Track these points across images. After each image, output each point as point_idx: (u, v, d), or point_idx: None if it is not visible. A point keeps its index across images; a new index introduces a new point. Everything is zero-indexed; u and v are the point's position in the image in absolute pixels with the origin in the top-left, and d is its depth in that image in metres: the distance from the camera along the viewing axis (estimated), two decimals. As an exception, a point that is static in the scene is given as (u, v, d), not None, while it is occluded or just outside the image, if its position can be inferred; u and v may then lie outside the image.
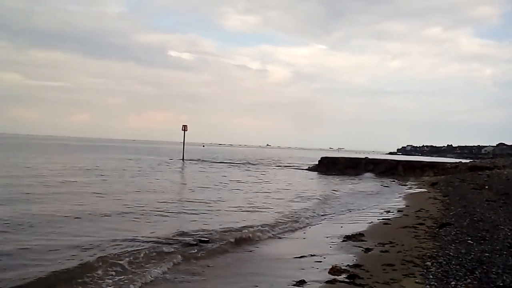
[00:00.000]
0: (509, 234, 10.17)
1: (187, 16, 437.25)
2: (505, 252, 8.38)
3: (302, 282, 7.31)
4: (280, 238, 12.04)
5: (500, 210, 14.20)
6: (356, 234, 11.54)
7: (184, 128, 56.26)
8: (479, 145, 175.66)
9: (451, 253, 8.70)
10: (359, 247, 10.06)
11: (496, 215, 13.25)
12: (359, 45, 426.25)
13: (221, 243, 10.41)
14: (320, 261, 8.85)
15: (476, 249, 8.84)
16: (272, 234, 12.15)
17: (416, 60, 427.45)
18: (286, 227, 13.29)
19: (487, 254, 8.32)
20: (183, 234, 11.12)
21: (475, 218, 12.79)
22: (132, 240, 10.29)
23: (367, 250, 9.72)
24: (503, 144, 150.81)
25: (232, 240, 10.73)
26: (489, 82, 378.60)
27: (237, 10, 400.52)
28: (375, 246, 10.08)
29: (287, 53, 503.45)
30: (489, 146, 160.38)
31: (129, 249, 9.42)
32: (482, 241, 9.60)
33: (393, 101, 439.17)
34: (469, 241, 9.74)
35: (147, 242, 10.17)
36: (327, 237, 11.68)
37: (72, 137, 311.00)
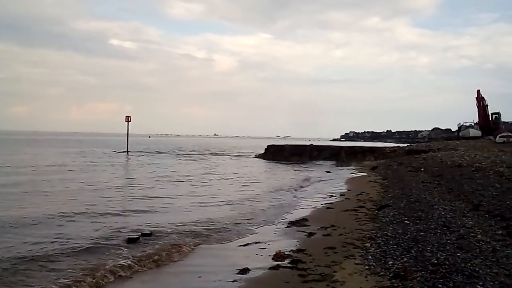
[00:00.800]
0: (442, 213, 10.70)
1: (129, 3, 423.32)
2: (439, 231, 8.79)
3: (246, 270, 7.27)
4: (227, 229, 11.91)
5: (435, 191, 14.96)
6: (300, 219, 11.69)
7: (128, 119, 54.51)
8: (416, 130, 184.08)
9: (389, 234, 9.01)
10: (303, 232, 10.20)
11: (431, 195, 13.94)
12: (304, 34, 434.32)
13: (165, 236, 10.13)
14: (264, 248, 8.87)
15: (412, 229, 9.21)
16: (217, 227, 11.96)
17: (358, 49, 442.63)
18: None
19: (422, 233, 8.68)
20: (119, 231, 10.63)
21: (411, 199, 13.38)
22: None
23: (310, 234, 9.86)
24: (438, 128, 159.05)
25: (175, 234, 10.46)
26: (425, 70, 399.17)
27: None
28: (318, 230, 10.25)
29: (233, 42, 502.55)
30: (425, 130, 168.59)
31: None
32: (418, 221, 10.03)
33: (337, 89, 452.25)
34: (405, 221, 10.14)
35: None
36: (273, 224, 11.75)
37: (10, 130, 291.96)
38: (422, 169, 23.82)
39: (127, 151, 55.03)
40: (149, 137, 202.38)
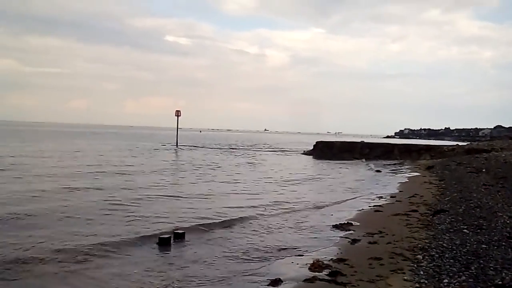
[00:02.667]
0: (507, 222, 9.44)
1: (184, 0, 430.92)
2: (503, 244, 7.66)
3: (278, 281, 6.57)
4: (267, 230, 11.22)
5: (498, 195, 13.48)
6: (345, 223, 10.82)
7: (178, 113, 55.07)
8: (476, 128, 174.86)
9: (444, 244, 7.98)
10: (346, 238, 9.34)
11: (494, 200, 12.54)
12: (358, 28, 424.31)
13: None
14: (302, 255, 8.12)
15: (472, 240, 8.11)
16: (259, 224, 11.33)
17: (415, 43, 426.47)
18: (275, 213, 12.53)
19: (484, 246, 7.59)
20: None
21: (471, 204, 12.07)
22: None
23: (354, 241, 8.99)
24: (501, 126, 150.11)
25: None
26: (487, 65, 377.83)
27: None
28: (363, 236, 9.36)
29: (285, 37, 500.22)
30: (487, 128, 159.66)
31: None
32: (478, 230, 8.88)
33: (392, 84, 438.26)
34: (464, 230, 9.01)
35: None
36: (314, 226, 10.95)
37: (69, 123, 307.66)
38: (484, 170, 21.91)
39: (177, 145, 55.74)
40: (200, 131, 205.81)
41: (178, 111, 54.96)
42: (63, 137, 72.24)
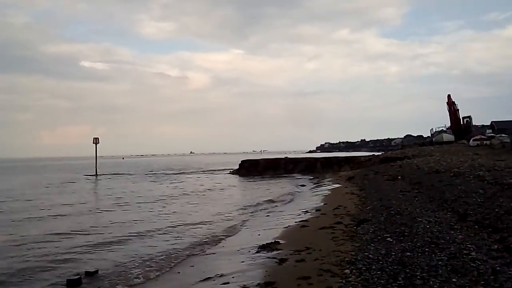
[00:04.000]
0: (427, 226, 9.62)
1: (100, 25, 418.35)
2: (427, 249, 7.68)
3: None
4: (192, 255, 10.50)
5: (415, 201, 13.96)
6: (271, 242, 10.42)
7: (96, 140, 52.68)
8: (389, 138, 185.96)
9: (370, 255, 7.84)
10: (273, 258, 8.91)
11: (412, 206, 12.91)
12: (276, 48, 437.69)
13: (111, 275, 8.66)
14: (228, 283, 7.54)
15: (396, 248, 8.07)
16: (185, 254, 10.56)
17: (329, 61, 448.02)
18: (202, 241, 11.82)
19: (408, 254, 7.55)
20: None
21: (392, 212, 12.31)
22: None
23: (282, 261, 8.59)
24: (410, 135, 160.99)
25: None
26: (395, 79, 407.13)
27: (152, 17, 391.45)
28: (291, 254, 8.99)
29: (205, 59, 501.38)
30: (398, 138, 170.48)
31: None
32: (401, 238, 8.92)
33: (311, 101, 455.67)
34: (388, 239, 9.01)
35: None
36: (241, 249, 10.43)
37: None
38: (400, 177, 22.96)
39: (96, 175, 52.72)
40: (123, 158, 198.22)
41: (96, 138, 52.82)
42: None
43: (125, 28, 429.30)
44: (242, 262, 9.04)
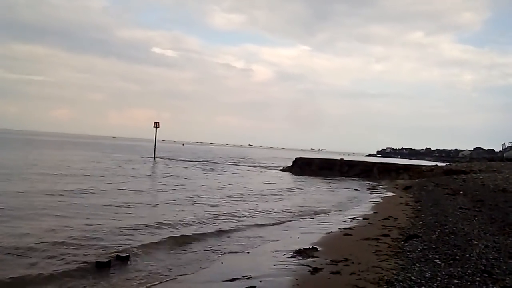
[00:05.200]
0: (483, 252, 8.64)
1: (171, 13, 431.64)
2: (477, 279, 6.83)
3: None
4: (226, 253, 10.21)
5: (475, 220, 12.77)
6: (309, 248, 9.90)
7: (156, 125, 54.04)
8: (456, 149, 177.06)
9: (413, 277, 7.12)
10: (307, 265, 8.40)
11: (470, 226, 11.80)
12: (343, 47, 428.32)
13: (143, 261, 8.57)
14: (254, 287, 7.15)
15: (443, 273, 7.27)
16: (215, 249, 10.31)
17: (398, 63, 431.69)
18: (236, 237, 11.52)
19: (456, 281, 6.75)
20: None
21: (446, 230, 11.30)
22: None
23: (316, 270, 8.06)
24: (480, 148, 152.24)
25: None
26: (468, 88, 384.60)
27: (223, 8, 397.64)
28: (327, 264, 8.44)
29: (272, 53, 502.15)
30: (466, 150, 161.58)
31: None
32: (451, 262, 8.06)
33: (375, 103, 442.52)
34: (436, 261, 8.19)
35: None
36: (275, 251, 10.00)
37: (53, 132, 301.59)
38: (461, 192, 21.37)
39: (154, 158, 54.42)
40: (183, 144, 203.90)
41: (156, 122, 54.03)
42: (41, 147, 70.22)
43: (195, 18, 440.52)
44: (274, 266, 8.59)
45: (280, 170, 49.22)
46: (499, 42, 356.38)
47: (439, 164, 60.00)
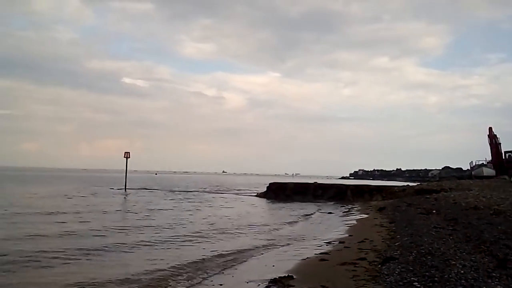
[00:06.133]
0: (461, 272, 8.44)
1: (142, 43, 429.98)
2: (459, 302, 6.58)
3: None
4: (196, 284, 9.68)
5: (450, 239, 12.66)
6: (284, 276, 9.47)
7: (127, 155, 53.11)
8: (426, 169, 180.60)
9: (393, 303, 6.82)
10: (283, 296, 7.99)
11: (446, 245, 11.66)
12: (312, 73, 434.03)
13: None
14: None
15: (423, 296, 7.01)
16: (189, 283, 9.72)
17: (366, 88, 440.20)
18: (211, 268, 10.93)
19: (437, 305, 6.47)
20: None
21: (422, 251, 11.10)
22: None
23: (292, 301, 7.66)
24: (448, 167, 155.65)
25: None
26: (434, 109, 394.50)
27: (193, 38, 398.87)
28: (303, 294, 8.05)
29: (243, 81, 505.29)
30: (436, 169, 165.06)
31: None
32: (430, 283, 7.81)
33: (346, 127, 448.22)
34: (415, 283, 7.93)
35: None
36: (249, 281, 9.52)
37: (21, 167, 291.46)
38: (434, 211, 21.44)
39: (125, 189, 53.10)
40: (156, 174, 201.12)
41: (127, 152, 53.20)
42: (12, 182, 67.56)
43: (166, 47, 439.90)
44: (248, 298, 8.16)
45: (255, 196, 48.79)
46: (461, 65, 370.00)
47: (410, 184, 60.85)
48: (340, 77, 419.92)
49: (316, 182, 49.73)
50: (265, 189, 49.36)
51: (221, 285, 9.38)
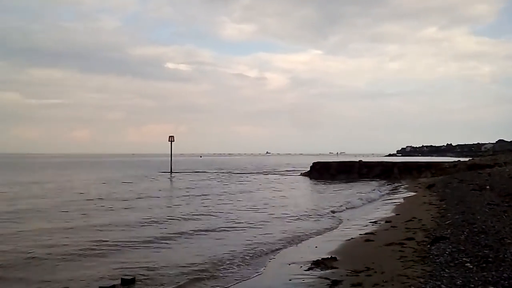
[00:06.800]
0: (518, 251, 7.88)
1: (183, 27, 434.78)
2: (516, 284, 6.10)
3: None
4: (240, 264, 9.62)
5: (505, 217, 11.92)
6: (328, 258, 9.24)
7: (171, 139, 54.30)
8: (478, 143, 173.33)
9: (443, 286, 6.44)
10: (326, 278, 7.77)
11: (500, 223, 10.97)
12: (356, 48, 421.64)
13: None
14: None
15: (476, 278, 6.57)
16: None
17: (414, 61, 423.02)
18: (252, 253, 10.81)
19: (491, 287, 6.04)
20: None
21: (475, 229, 10.50)
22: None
23: (335, 283, 7.43)
24: (503, 140, 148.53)
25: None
26: (487, 80, 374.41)
27: (233, 19, 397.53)
28: (347, 275, 7.80)
29: (284, 60, 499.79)
30: (489, 143, 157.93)
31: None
32: (484, 265, 7.33)
33: (392, 103, 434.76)
34: (467, 264, 7.47)
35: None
36: (292, 263, 9.37)
37: (73, 153, 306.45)
38: (488, 187, 20.36)
39: (171, 172, 54.35)
40: (201, 156, 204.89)
41: (171, 136, 54.44)
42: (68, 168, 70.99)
43: (207, 30, 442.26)
44: (290, 280, 7.98)
45: (299, 175, 48.55)
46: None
47: (462, 159, 58.36)
48: (385, 51, 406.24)
49: (361, 161, 48.70)
50: (308, 169, 48.98)
51: (264, 268, 9.28)
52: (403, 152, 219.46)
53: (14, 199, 22.63)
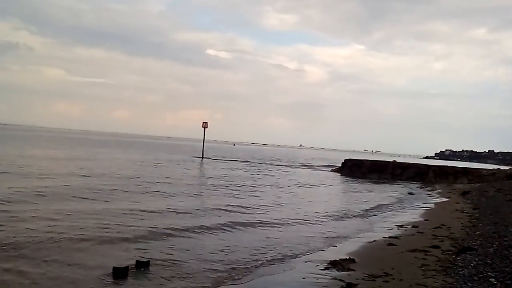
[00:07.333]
0: (549, 272, 7.40)
1: (225, 15, 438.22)
2: (542, 308, 5.73)
3: None
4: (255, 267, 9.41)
5: (541, 232, 11.27)
6: (346, 259, 9.03)
7: (204, 125, 54.51)
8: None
9: (462, 301, 6.14)
10: (341, 280, 7.57)
11: (534, 239, 10.38)
12: (401, 45, 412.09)
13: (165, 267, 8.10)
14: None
15: (499, 297, 6.22)
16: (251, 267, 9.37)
17: (460, 62, 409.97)
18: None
19: (514, 309, 5.69)
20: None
21: (505, 242, 9.98)
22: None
23: (349, 286, 7.23)
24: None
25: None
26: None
27: (276, 8, 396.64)
28: (363, 279, 7.58)
29: (325, 53, 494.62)
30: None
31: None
32: (509, 281, 6.93)
33: (434, 104, 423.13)
34: (491, 279, 7.10)
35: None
36: (308, 261, 9.22)
37: (112, 132, 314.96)
38: (526, 198, 19.37)
39: (202, 157, 54.87)
40: (234, 145, 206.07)
41: (205, 122, 54.58)
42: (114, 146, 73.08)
43: (248, 19, 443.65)
44: (304, 279, 7.84)
45: (330, 171, 47.98)
46: None
47: (503, 167, 55.91)
48: (431, 50, 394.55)
49: (395, 161, 47.50)
50: (340, 165, 48.28)
51: (280, 263, 9.16)
52: (441, 155, 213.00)
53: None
